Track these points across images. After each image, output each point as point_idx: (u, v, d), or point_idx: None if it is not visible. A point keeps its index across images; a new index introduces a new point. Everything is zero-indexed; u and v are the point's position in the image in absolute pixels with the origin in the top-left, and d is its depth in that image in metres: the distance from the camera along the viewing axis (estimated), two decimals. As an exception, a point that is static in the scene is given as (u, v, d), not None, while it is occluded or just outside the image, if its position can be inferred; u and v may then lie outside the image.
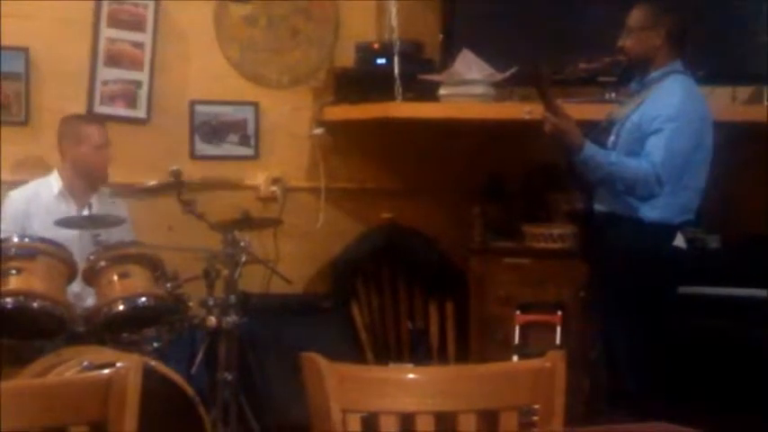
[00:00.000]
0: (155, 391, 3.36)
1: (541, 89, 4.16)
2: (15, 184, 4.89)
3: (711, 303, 4.75)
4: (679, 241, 4.26)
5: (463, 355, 5.53)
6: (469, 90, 5.28)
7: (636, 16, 4.33)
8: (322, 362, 2.09)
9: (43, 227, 4.54)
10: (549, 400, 2.18)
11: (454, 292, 5.68)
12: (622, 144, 4.24)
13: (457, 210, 5.71)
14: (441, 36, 5.62)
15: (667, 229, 4.23)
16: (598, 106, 4.90)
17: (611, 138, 4.29)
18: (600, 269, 4.34)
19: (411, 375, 2.25)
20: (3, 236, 4.47)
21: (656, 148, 4.11)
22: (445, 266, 5.76)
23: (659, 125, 4.13)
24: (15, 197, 4.81)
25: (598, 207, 4.33)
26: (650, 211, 4.19)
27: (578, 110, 4.67)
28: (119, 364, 2.04)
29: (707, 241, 5.08)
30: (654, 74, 4.30)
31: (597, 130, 4.33)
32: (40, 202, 4.78)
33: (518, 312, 5.10)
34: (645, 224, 4.20)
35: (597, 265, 4.38)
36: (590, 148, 4.13)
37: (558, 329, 4.98)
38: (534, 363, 2.25)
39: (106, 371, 2.02)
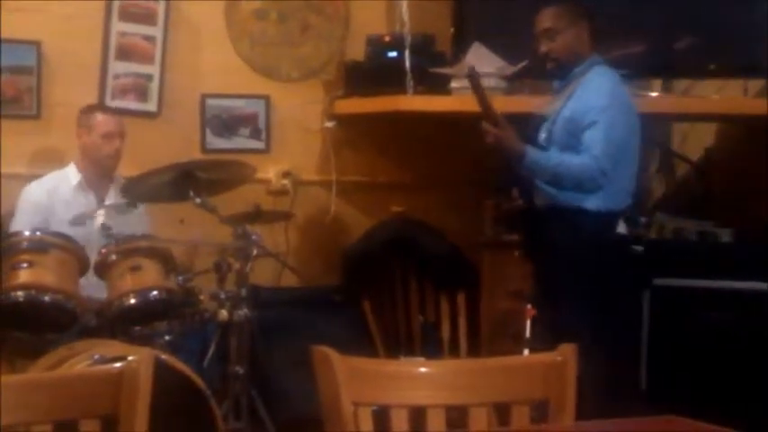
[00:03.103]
0: (166, 384, 3.34)
1: (479, 96, 4.17)
2: (28, 178, 4.90)
3: (724, 297, 4.74)
4: (621, 228, 4.28)
5: (474, 349, 5.52)
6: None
7: (555, 17, 4.35)
8: (333, 355, 2.09)
9: (65, 219, 4.55)
10: (561, 394, 2.18)
11: (465, 285, 5.66)
12: (556, 140, 4.27)
13: (468, 203, 5.70)
14: (452, 29, 5.61)
15: (609, 217, 4.24)
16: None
17: (543, 135, 4.31)
18: (546, 264, 4.32)
19: (422, 369, 2.25)
20: (16, 229, 4.49)
21: (594, 141, 4.13)
22: (456, 260, 5.75)
23: (594, 117, 4.15)
24: (35, 189, 4.82)
25: (538, 202, 4.34)
26: (591, 201, 4.20)
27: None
28: (130, 358, 2.04)
29: (719, 235, 5.07)
30: (577, 69, 4.33)
31: (529, 128, 4.34)
32: (60, 194, 4.79)
33: (529, 306, 5.09)
34: (588, 214, 4.21)
35: (542, 260, 4.37)
36: (532, 153, 4.17)
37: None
38: (545, 356, 2.24)
39: (118, 364, 2.02)
